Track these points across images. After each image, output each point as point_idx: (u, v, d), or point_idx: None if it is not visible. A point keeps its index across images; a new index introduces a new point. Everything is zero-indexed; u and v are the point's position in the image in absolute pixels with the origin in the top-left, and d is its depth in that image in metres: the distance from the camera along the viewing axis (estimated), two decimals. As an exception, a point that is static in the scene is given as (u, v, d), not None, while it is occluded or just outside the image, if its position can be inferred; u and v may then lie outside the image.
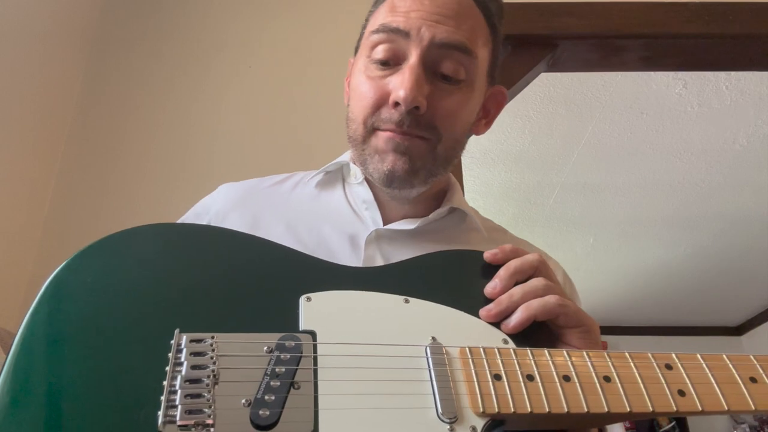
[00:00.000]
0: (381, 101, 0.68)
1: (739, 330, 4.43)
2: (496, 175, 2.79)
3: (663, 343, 4.32)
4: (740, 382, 0.53)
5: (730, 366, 0.54)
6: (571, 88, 2.29)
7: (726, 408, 0.51)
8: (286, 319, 0.53)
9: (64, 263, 0.53)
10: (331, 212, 0.75)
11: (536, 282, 0.59)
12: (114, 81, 1.53)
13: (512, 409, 0.49)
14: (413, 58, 0.67)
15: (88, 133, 1.48)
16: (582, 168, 2.75)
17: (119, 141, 1.47)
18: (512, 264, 0.61)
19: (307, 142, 1.44)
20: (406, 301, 0.58)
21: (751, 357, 0.55)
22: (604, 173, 2.79)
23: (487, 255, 0.63)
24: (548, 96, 2.33)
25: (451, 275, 0.63)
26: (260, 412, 0.45)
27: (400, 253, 0.70)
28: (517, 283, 0.60)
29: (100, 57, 1.56)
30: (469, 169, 2.69)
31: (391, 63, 0.69)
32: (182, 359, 0.47)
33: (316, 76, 1.52)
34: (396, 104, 0.66)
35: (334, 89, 1.48)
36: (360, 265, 0.68)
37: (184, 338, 0.49)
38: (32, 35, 1.36)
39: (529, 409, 0.49)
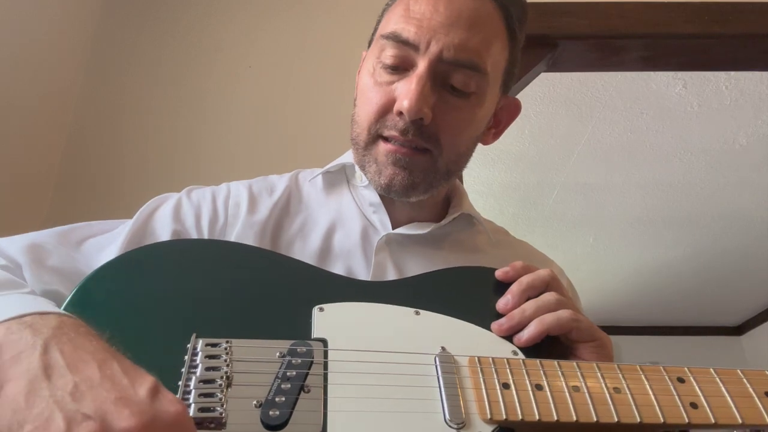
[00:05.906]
0: (386, 108, 0.67)
1: (739, 330, 4.42)
2: (496, 175, 2.79)
3: (663, 342, 4.32)
4: (755, 395, 0.52)
5: (745, 380, 0.53)
6: (571, 88, 2.29)
7: (740, 421, 0.50)
8: (299, 328, 0.55)
9: (92, 271, 0.56)
10: (342, 216, 0.75)
11: (548, 297, 0.59)
12: (114, 81, 1.53)
13: (520, 417, 0.49)
14: (421, 68, 0.65)
15: (89, 133, 1.48)
16: (582, 168, 2.75)
17: (119, 141, 1.47)
18: (524, 279, 0.61)
19: (308, 142, 1.44)
20: (417, 313, 0.59)
21: (767, 372, 0.55)
22: (604, 173, 2.78)
23: (499, 273, 0.63)
24: (548, 96, 2.33)
25: (463, 290, 0.63)
26: (270, 412, 0.47)
27: (411, 258, 0.71)
28: (529, 299, 0.60)
29: (100, 57, 1.56)
30: (469, 169, 2.64)
31: (399, 68, 0.67)
32: (197, 362, 0.49)
33: (316, 75, 1.52)
34: (400, 113, 0.66)
35: (334, 89, 1.48)
36: (370, 269, 0.69)
37: (200, 342, 0.51)
38: (32, 35, 1.36)
39: (537, 417, 0.49)
